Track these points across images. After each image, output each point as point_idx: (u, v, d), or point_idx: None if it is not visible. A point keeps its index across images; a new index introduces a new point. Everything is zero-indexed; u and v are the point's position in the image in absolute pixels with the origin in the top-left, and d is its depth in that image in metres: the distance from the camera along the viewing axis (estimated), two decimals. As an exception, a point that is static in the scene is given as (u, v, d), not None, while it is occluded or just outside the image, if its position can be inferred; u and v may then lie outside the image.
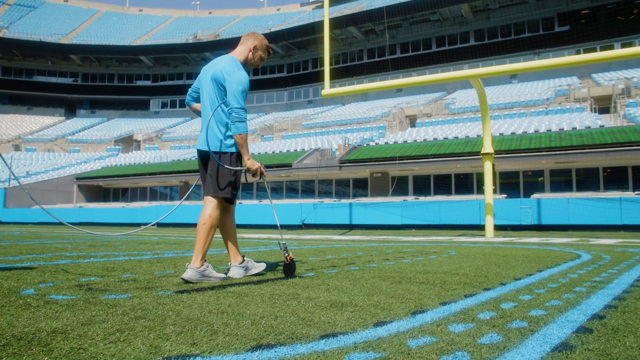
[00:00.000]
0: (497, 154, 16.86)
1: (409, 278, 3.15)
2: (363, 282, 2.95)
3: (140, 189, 32.44)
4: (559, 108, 27.75)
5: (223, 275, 3.08)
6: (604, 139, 18.19)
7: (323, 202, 20.40)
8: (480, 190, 18.96)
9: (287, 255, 3.21)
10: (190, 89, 3.34)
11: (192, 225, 22.50)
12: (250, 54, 3.30)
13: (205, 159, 3.14)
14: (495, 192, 19.42)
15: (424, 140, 24.19)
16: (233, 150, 3.06)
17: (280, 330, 1.69)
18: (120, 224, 24.87)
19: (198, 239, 2.96)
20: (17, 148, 43.46)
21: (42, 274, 3.24)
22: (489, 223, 10.76)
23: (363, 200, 20.04)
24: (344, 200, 20.67)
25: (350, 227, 18.20)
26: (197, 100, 3.35)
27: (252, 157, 3.17)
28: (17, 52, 52.01)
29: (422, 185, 22.62)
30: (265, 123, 41.15)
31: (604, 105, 28.54)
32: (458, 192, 21.37)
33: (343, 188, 24.95)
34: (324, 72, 10.80)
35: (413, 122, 33.28)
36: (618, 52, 8.91)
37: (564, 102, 29.46)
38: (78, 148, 43.46)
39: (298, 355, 1.39)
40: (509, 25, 39.60)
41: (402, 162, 20.86)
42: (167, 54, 53.03)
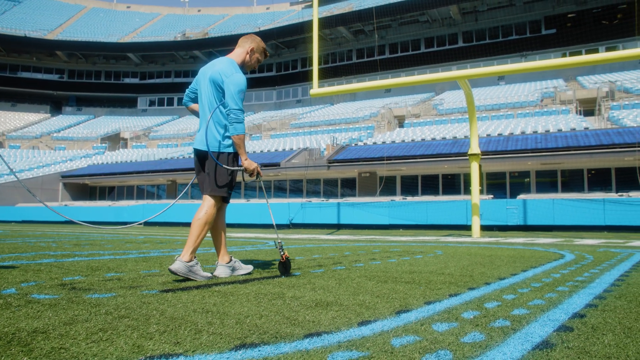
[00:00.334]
0: (484, 155, 17.01)
1: (395, 278, 3.16)
2: (349, 281, 2.96)
3: (127, 188, 32.14)
4: (545, 110, 28.07)
5: (209, 275, 3.08)
6: (589, 141, 18.45)
7: (311, 201, 20.41)
8: (468, 191, 19.13)
9: (282, 254, 3.25)
10: (188, 90, 3.41)
11: (179, 225, 22.35)
12: (248, 57, 3.36)
13: (203, 159, 3.18)
14: (482, 192, 19.61)
15: (412, 141, 24.31)
16: (231, 151, 3.13)
17: (265, 330, 1.69)
18: (107, 223, 24.63)
19: (191, 234, 2.98)
20: (0, 145, 42.78)
21: (24, 273, 3.20)
22: (476, 223, 10.86)
23: (351, 200, 20.08)
24: (332, 200, 20.69)
25: (338, 226, 18.23)
26: (194, 101, 3.42)
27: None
28: (0, 47, 51.17)
29: (409, 186, 22.73)
30: (254, 122, 41.02)
31: (589, 108, 28.95)
32: (445, 192, 21.51)
33: (331, 188, 24.98)
34: (313, 71, 10.80)
35: (401, 122, 33.42)
36: (602, 55, 9.04)
37: (550, 104, 29.82)
38: (64, 146, 42.90)
39: (282, 355, 1.39)
40: (497, 28, 39.98)
41: (390, 162, 20.95)
42: (155, 52, 52.59)
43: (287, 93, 49.83)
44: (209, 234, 3.34)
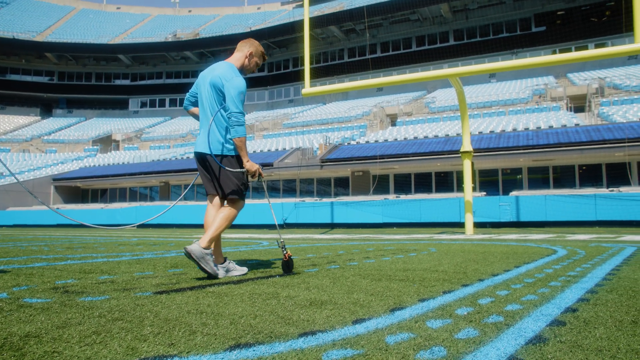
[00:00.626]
0: (476, 153, 17.08)
1: (389, 275, 3.17)
2: (343, 280, 2.97)
3: (120, 190, 31.95)
4: (536, 107, 28.26)
5: (217, 271, 3.11)
6: (579, 138, 18.59)
7: (304, 201, 20.40)
8: (460, 188, 19.21)
9: (285, 253, 3.31)
10: (188, 94, 3.48)
11: (172, 226, 22.26)
12: (247, 61, 3.42)
13: (206, 161, 3.25)
14: (475, 190, 19.70)
15: (405, 139, 24.37)
16: (234, 154, 3.22)
17: (259, 329, 1.69)
18: (100, 226, 24.47)
19: (213, 223, 3.11)
20: (-10, 149, 42.38)
21: (15, 277, 3.17)
22: (469, 220, 10.91)
23: (344, 199, 20.10)
24: (326, 200, 20.70)
25: (332, 226, 18.24)
26: (194, 105, 3.50)
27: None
28: (-11, 50, 50.74)
29: (402, 184, 22.79)
30: (246, 122, 40.95)
31: (579, 104, 29.18)
32: (438, 190, 21.59)
33: (324, 187, 24.99)
34: (305, 71, 10.80)
35: (394, 121, 33.49)
36: (592, 52, 9.11)
37: (541, 101, 30.01)
38: (55, 148, 42.56)
39: (276, 354, 1.39)
40: (488, 26, 40.18)
41: (383, 160, 20.99)
42: (146, 53, 52.31)
43: (279, 93, 49.76)
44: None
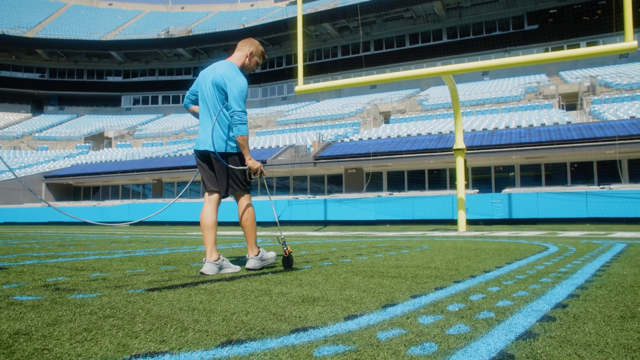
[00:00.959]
0: (469, 150, 17.16)
1: (381, 272, 3.18)
2: (336, 277, 2.97)
3: (112, 187, 31.78)
4: (529, 105, 28.41)
5: (274, 254, 3.52)
6: (571, 135, 18.73)
7: (298, 198, 20.40)
8: (453, 186, 19.29)
9: (285, 249, 3.41)
10: (189, 92, 3.53)
11: (166, 224, 22.19)
12: (247, 60, 3.47)
13: (208, 160, 3.33)
14: (468, 187, 19.79)
15: (398, 137, 24.42)
16: (237, 151, 3.29)
17: (251, 326, 1.69)
18: (92, 223, 24.33)
19: (247, 234, 3.33)
20: (-19, 146, 41.98)
21: (6, 275, 3.15)
22: (461, 218, 10.96)
23: (338, 197, 20.12)
24: (319, 197, 20.71)
25: (325, 223, 18.26)
26: (194, 103, 3.55)
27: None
28: (-21, 46, 50.18)
29: (396, 181, 22.85)
30: (240, 120, 40.77)
31: (571, 102, 29.37)
32: (431, 187, 21.67)
33: (318, 184, 24.99)
34: (298, 68, 10.78)
35: (387, 118, 33.55)
36: (583, 50, 9.17)
37: (534, 98, 30.18)
38: (46, 145, 42.23)
39: (268, 350, 1.40)
40: (481, 24, 40.31)
41: (376, 158, 21.03)
42: (138, 50, 51.97)
43: (272, 90, 49.66)
44: (200, 230, 3.42)
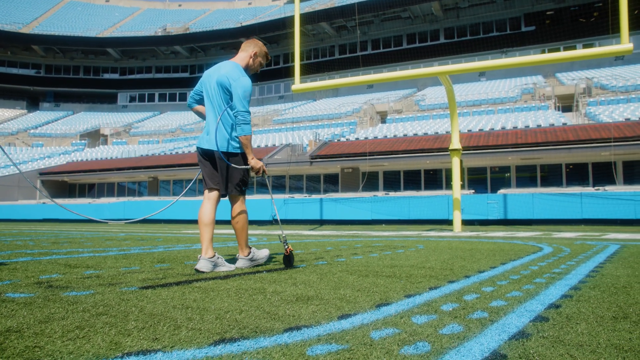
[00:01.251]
0: (465, 150, 17.21)
1: (376, 272, 3.18)
2: (330, 276, 2.97)
3: (107, 185, 31.67)
4: (525, 106, 28.50)
5: (267, 252, 3.58)
6: (567, 136, 18.80)
7: (294, 197, 20.40)
8: (449, 186, 19.32)
9: (286, 247, 3.45)
10: (193, 92, 3.56)
11: (161, 222, 22.15)
12: (251, 60, 3.52)
13: (211, 158, 3.38)
14: (464, 187, 19.83)
15: (394, 136, 24.45)
16: (239, 151, 3.34)
17: (245, 325, 1.68)
18: (87, 221, 24.24)
19: (238, 236, 3.36)
20: (-25, 142, 41.75)
21: (-1, 272, 3.13)
22: (457, 218, 10.99)
23: (334, 196, 20.13)
24: (315, 196, 20.71)
25: (321, 222, 18.27)
26: (198, 103, 3.58)
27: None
28: (-26, 41, 49.88)
29: (392, 181, 22.87)
30: (236, 118, 40.71)
31: (567, 104, 29.48)
32: (427, 187, 21.71)
33: (314, 184, 24.99)
34: (295, 67, 10.77)
35: (384, 118, 33.57)
36: (580, 52, 9.20)
37: (530, 100, 30.28)
38: (41, 142, 42.03)
39: (261, 349, 1.39)
40: (478, 24, 40.40)
41: (372, 157, 21.04)
42: (135, 47, 51.80)
43: (269, 89, 49.61)
44: (197, 228, 3.42)
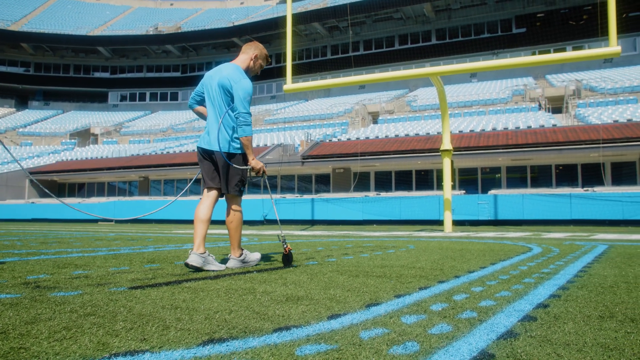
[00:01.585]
0: (456, 151, 17.29)
1: (366, 272, 3.19)
2: (320, 276, 2.97)
3: (98, 184, 31.42)
4: (516, 107, 28.70)
5: (258, 255, 3.60)
6: (557, 138, 18.96)
7: (285, 197, 20.37)
8: (440, 187, 19.40)
9: (285, 247, 3.54)
10: (194, 93, 3.62)
11: (152, 222, 22.02)
12: (252, 63, 3.58)
13: (210, 158, 3.43)
14: (454, 188, 19.92)
15: (386, 137, 24.51)
16: (240, 152, 3.40)
17: (234, 325, 1.68)
18: (77, 220, 24.03)
19: (231, 236, 3.40)
20: (-37, 140, 41.11)
21: (-14, 272, 3.09)
22: (448, 218, 11.04)
23: (325, 196, 20.13)
24: (306, 196, 20.70)
25: (312, 222, 18.27)
26: (199, 104, 3.64)
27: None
28: (-39, 39, 49.22)
29: (383, 181, 22.93)
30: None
31: (557, 105, 29.74)
32: (418, 188, 21.78)
33: (305, 184, 24.98)
34: (287, 67, 10.76)
35: (375, 118, 33.64)
36: (570, 54, 9.29)
37: (520, 101, 30.50)
38: (30, 141, 41.58)
39: (250, 349, 1.39)
40: (469, 26, 40.63)
41: (364, 158, 21.08)
42: (126, 46, 51.42)
43: (261, 89, 49.49)
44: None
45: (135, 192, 29.78)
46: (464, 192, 19.08)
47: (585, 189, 16.70)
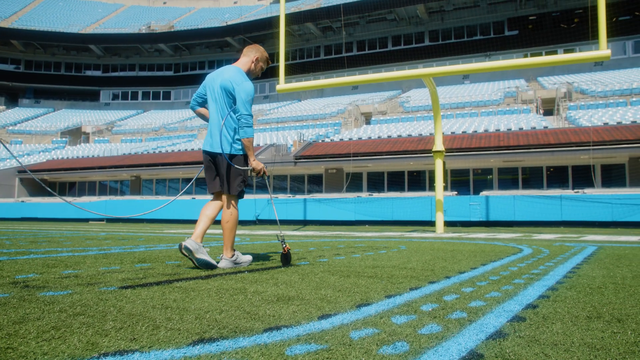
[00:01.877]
0: (448, 152, 17.37)
1: (358, 272, 3.19)
2: (312, 276, 2.97)
3: (89, 183, 31.18)
4: (508, 109, 28.88)
5: (250, 257, 3.64)
6: (548, 140, 19.10)
7: (278, 197, 20.35)
8: (432, 187, 19.47)
9: (284, 246, 3.60)
10: (196, 95, 3.67)
11: (143, 222, 21.90)
12: (253, 65, 3.67)
13: (214, 160, 3.50)
14: (447, 189, 20.00)
15: (379, 138, 24.56)
16: (242, 153, 3.47)
17: (224, 324, 1.68)
18: (67, 220, 23.84)
19: (225, 236, 3.44)
20: (-49, 138, 40.64)
21: (-26, 271, 3.06)
22: (439, 219, 11.08)
23: (317, 196, 20.13)
24: (299, 196, 20.69)
25: (305, 222, 18.26)
26: (201, 105, 3.70)
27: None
28: (-49, 35, 48.65)
29: (376, 182, 22.97)
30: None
31: (549, 108, 29.97)
32: (411, 188, 21.85)
33: (298, 184, 24.97)
34: (280, 67, 10.75)
35: (368, 119, 33.70)
36: (561, 57, 9.38)
37: (512, 103, 30.69)
38: (20, 139, 41.17)
39: (240, 349, 1.39)
40: (462, 28, 40.84)
41: (356, 158, 21.11)
42: (118, 44, 51.12)
43: (254, 89, 49.43)
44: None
45: (127, 191, 29.60)
46: (456, 193, 19.16)
47: (576, 191, 16.83)
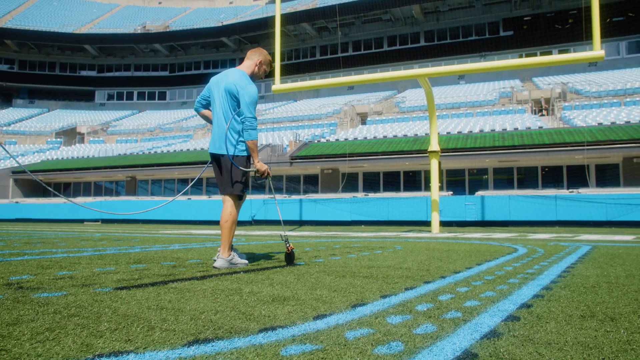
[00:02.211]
0: (443, 152, 17.39)
1: (353, 272, 3.20)
2: (307, 276, 2.98)
3: (84, 184, 31.05)
4: (503, 109, 28.98)
5: (246, 261, 3.64)
6: (543, 140, 19.18)
7: (273, 198, 20.33)
8: (428, 188, 19.51)
9: (288, 246, 3.66)
10: (200, 97, 3.76)
11: (139, 222, 21.84)
12: (256, 68, 3.75)
13: (218, 161, 3.59)
14: (442, 189, 20.06)
15: (374, 138, 24.58)
16: (245, 154, 3.55)
17: (220, 325, 1.68)
18: (62, 220, 23.74)
19: (223, 235, 3.49)
20: (-55, 139, 40.43)
21: (-32, 273, 3.04)
22: (435, 219, 11.10)
23: (313, 197, 20.13)
24: (295, 197, 20.68)
25: (301, 223, 18.26)
26: (205, 107, 3.79)
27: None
28: (-55, 35, 48.33)
29: (371, 182, 23.00)
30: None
31: (543, 107, 30.09)
32: (406, 189, 21.88)
33: (294, 184, 24.97)
34: (275, 67, 10.75)
35: (364, 119, 33.73)
36: (555, 57, 9.42)
37: (507, 103, 30.80)
38: (15, 140, 40.95)
39: (235, 349, 1.39)
40: (458, 28, 40.95)
41: (352, 159, 21.12)
42: (114, 44, 50.92)
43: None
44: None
45: (122, 192, 29.49)
46: (452, 193, 19.21)
47: (571, 191, 16.91)
